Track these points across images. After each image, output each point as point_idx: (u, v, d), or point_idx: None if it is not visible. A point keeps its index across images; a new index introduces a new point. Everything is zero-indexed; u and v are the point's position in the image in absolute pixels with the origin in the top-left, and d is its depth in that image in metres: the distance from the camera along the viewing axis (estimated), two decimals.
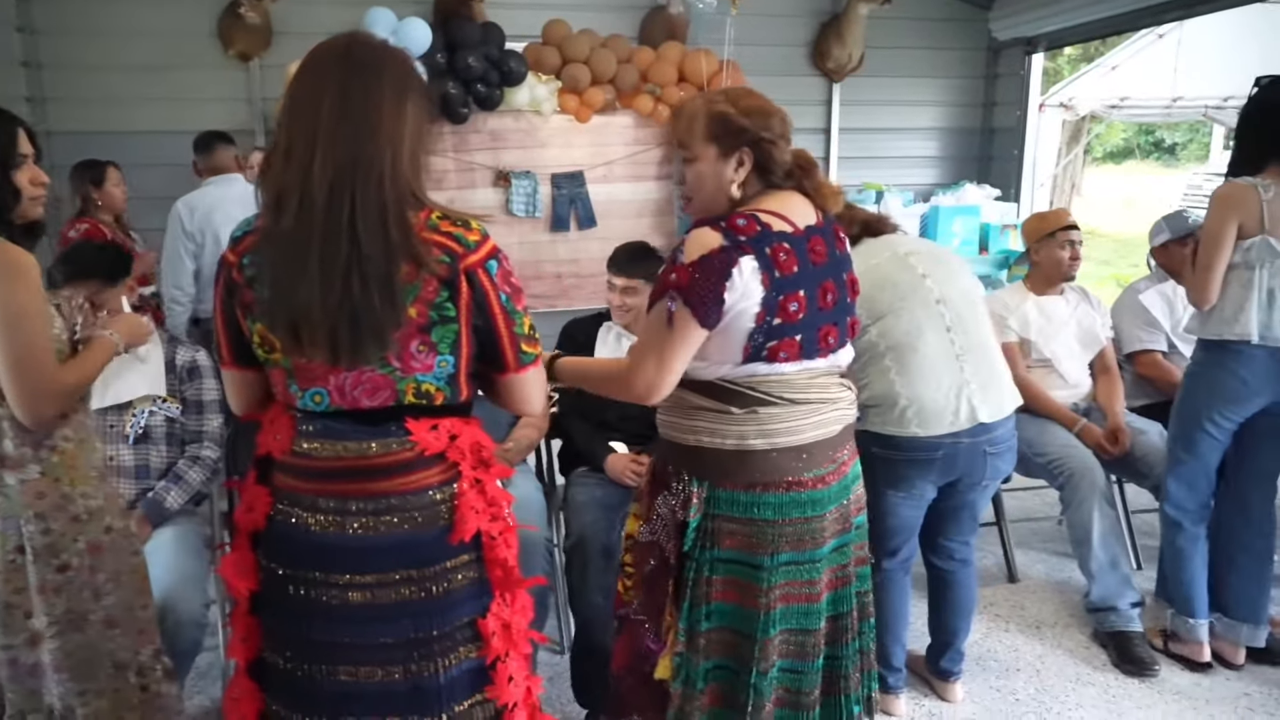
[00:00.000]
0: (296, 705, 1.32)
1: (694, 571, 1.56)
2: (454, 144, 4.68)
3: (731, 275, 1.43)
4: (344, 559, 1.27)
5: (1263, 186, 2.21)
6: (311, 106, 1.20)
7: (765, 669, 1.56)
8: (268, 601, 1.33)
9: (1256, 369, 2.27)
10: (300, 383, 1.27)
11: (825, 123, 5.27)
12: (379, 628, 1.27)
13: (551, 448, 2.73)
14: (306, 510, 1.28)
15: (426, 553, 1.28)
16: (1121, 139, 16.51)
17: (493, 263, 1.26)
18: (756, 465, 1.52)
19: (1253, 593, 2.44)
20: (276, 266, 1.21)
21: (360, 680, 1.28)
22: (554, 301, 4.90)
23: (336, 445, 1.27)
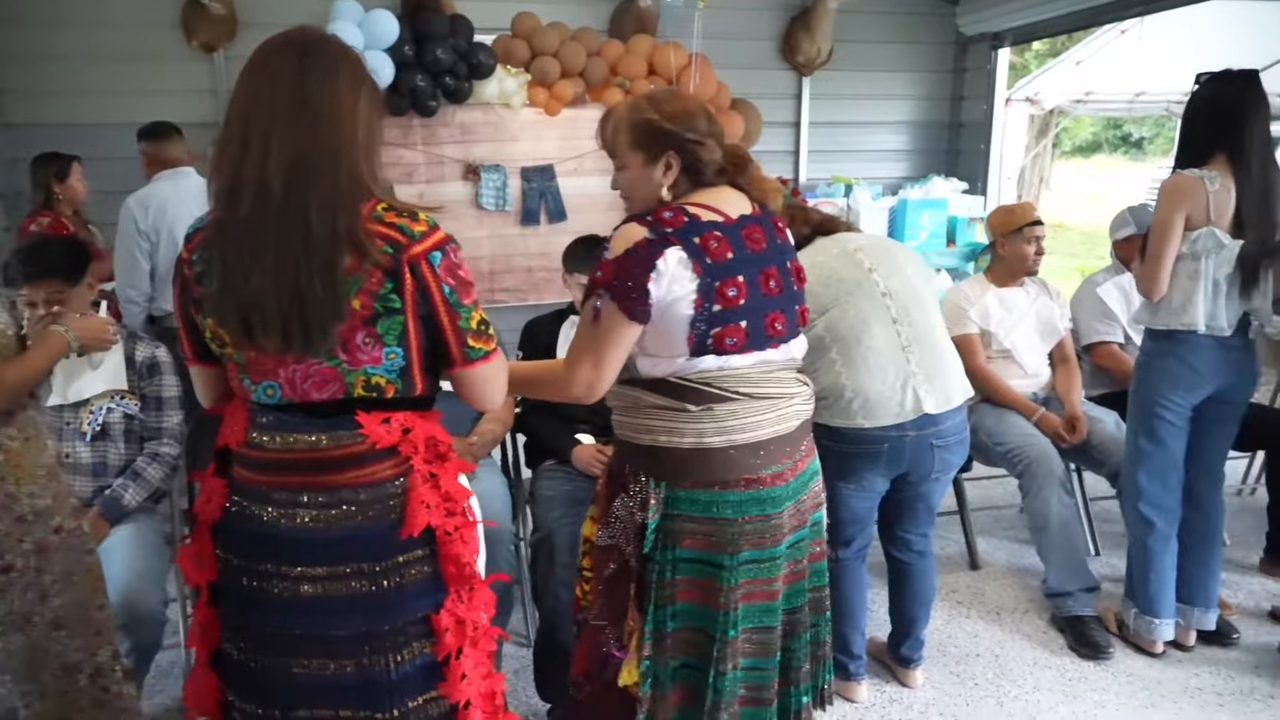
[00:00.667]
0: (251, 695, 1.33)
1: (656, 573, 1.55)
2: (423, 137, 4.66)
3: (656, 267, 1.43)
4: (295, 551, 1.27)
5: (1209, 178, 2.25)
6: (267, 97, 1.21)
7: (726, 669, 1.56)
8: (225, 592, 1.34)
9: (1204, 357, 2.32)
10: (252, 376, 1.29)
11: (795, 116, 5.30)
12: (330, 620, 1.28)
13: (517, 441, 2.74)
14: (260, 502, 1.29)
15: (378, 546, 1.28)
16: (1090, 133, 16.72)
17: (436, 254, 1.25)
18: (715, 463, 1.52)
19: (1202, 577, 2.49)
20: (229, 256, 1.21)
21: (312, 672, 1.29)
22: (524, 295, 4.90)
23: (288, 437, 1.28)
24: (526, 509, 2.55)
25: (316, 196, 1.19)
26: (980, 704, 2.34)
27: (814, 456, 1.69)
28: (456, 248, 1.29)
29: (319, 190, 1.19)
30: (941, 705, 2.33)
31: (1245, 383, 2.40)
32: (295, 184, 1.18)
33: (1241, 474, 3.64)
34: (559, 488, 2.34)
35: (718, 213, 1.52)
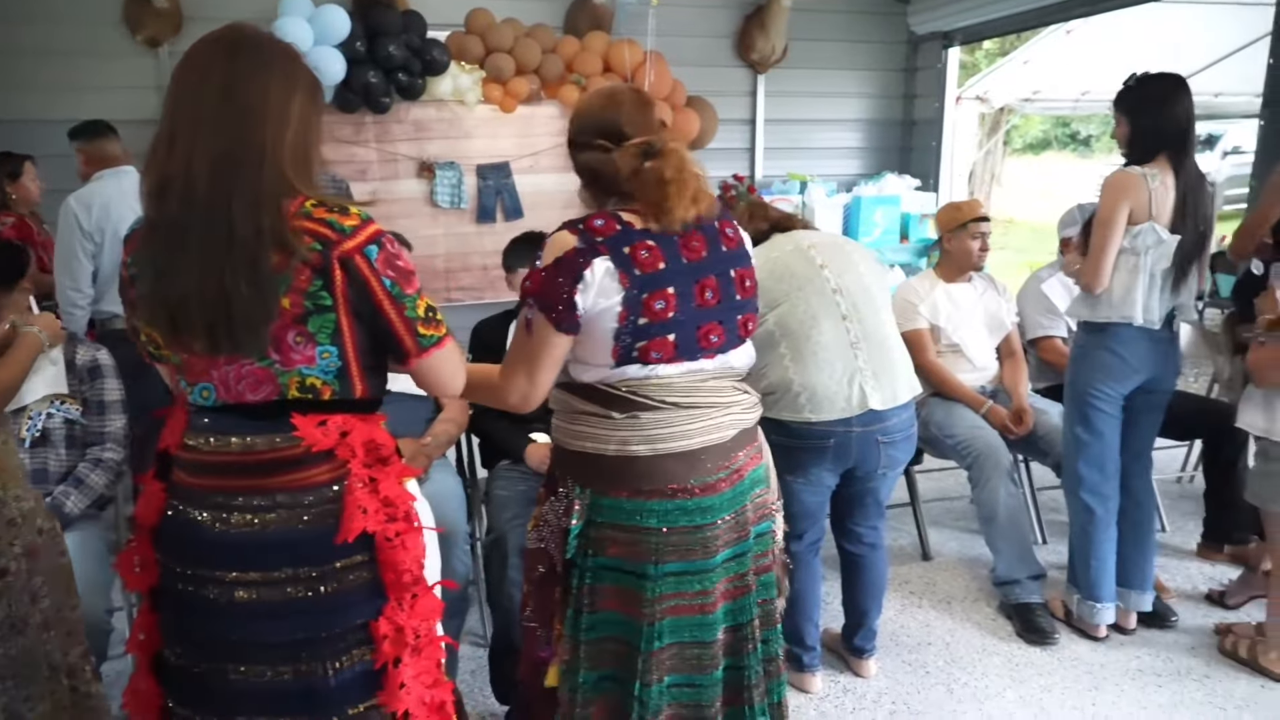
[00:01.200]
0: (190, 702, 1.31)
1: (578, 579, 1.53)
2: (376, 134, 4.61)
3: (583, 277, 1.40)
4: (230, 555, 1.25)
5: (1150, 175, 2.32)
6: (196, 94, 1.20)
7: (650, 682, 1.51)
8: (164, 597, 1.32)
9: (1135, 349, 2.40)
10: (188, 378, 1.27)
11: (750, 114, 5.34)
12: (266, 626, 1.25)
13: (473, 442, 2.73)
14: (196, 506, 1.27)
15: (314, 551, 1.25)
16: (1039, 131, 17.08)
17: (372, 248, 1.22)
18: (639, 472, 1.48)
19: (1138, 560, 2.58)
20: (158, 256, 1.20)
21: (250, 679, 1.27)
22: (481, 294, 4.88)
23: (222, 439, 1.26)
24: (483, 509, 2.54)
25: (240, 195, 1.17)
26: (930, 691, 2.39)
27: (758, 465, 1.63)
28: (392, 239, 1.27)
29: (242, 188, 1.17)
30: (894, 694, 2.38)
31: (1171, 373, 2.50)
32: (219, 182, 1.17)
33: (1181, 463, 3.76)
34: (513, 488, 2.34)
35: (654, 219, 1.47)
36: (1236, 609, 2.74)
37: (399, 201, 4.76)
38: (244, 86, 1.20)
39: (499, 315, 2.59)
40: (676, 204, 1.45)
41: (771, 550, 1.68)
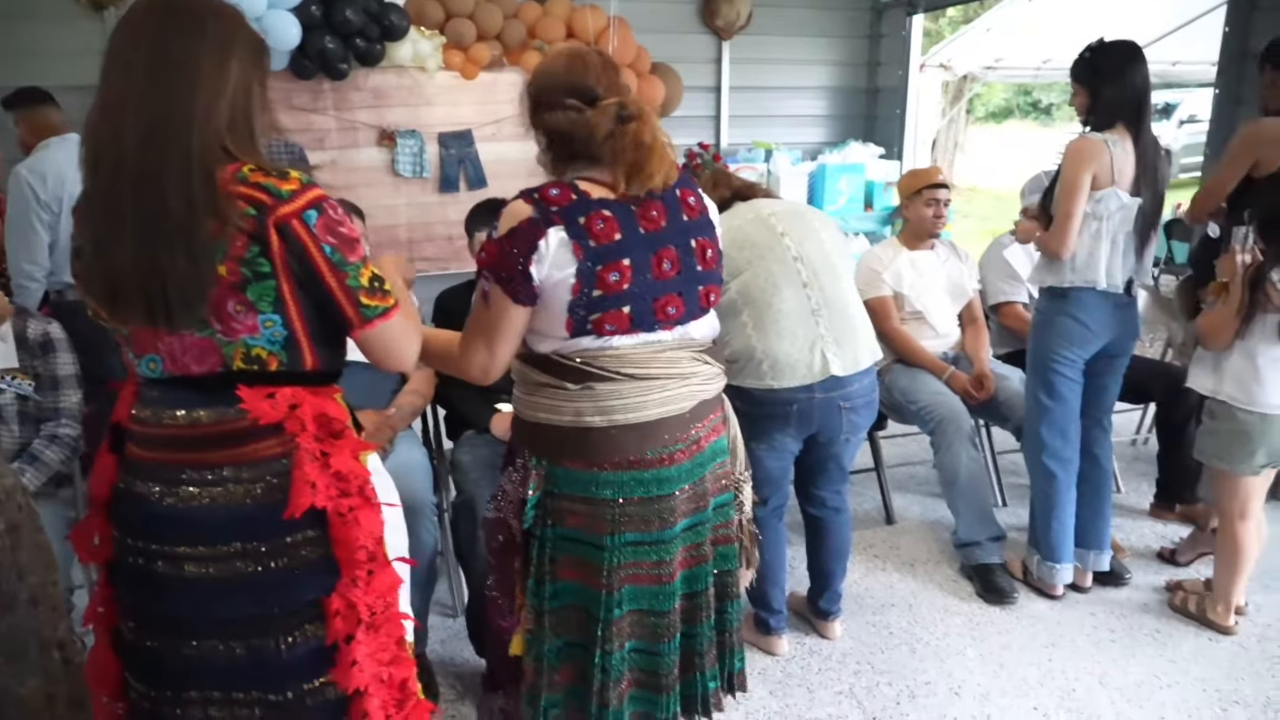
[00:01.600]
0: (143, 676, 1.30)
1: (538, 549, 1.53)
2: (334, 101, 4.51)
3: (538, 248, 1.38)
4: (179, 530, 1.24)
5: (1111, 141, 2.35)
6: (125, 62, 1.17)
7: (612, 649, 1.52)
8: (118, 571, 1.31)
9: (1095, 314, 2.44)
10: (135, 349, 1.26)
11: (716, 81, 5.30)
12: (217, 601, 1.24)
13: (438, 413, 2.71)
14: (145, 479, 1.25)
15: (263, 526, 1.23)
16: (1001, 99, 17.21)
17: (311, 213, 1.19)
18: (594, 443, 1.48)
19: (1095, 521, 2.64)
20: (96, 229, 1.18)
21: (203, 654, 1.26)
22: (446, 264, 4.82)
23: (169, 413, 1.24)
24: (449, 480, 2.54)
25: (171, 165, 1.14)
26: (894, 651, 2.44)
27: (719, 436, 1.63)
28: (335, 205, 1.23)
29: (173, 159, 1.14)
30: (858, 655, 2.43)
31: (1130, 337, 2.55)
32: (149, 153, 1.14)
33: (1135, 425, 3.86)
34: (478, 453, 2.34)
35: (609, 188, 1.45)
36: (1187, 566, 2.83)
37: (359, 171, 4.67)
38: (174, 52, 1.16)
39: (462, 285, 2.56)
40: (656, 169, 1.44)
41: (733, 522, 1.68)
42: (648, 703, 1.62)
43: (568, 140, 1.47)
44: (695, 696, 1.66)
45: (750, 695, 2.25)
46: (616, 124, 1.43)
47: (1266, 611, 2.59)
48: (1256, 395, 2.29)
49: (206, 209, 1.14)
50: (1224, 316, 2.29)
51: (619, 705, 1.56)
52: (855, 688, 2.29)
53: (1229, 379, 2.32)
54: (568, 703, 1.61)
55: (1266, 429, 2.30)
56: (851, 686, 2.29)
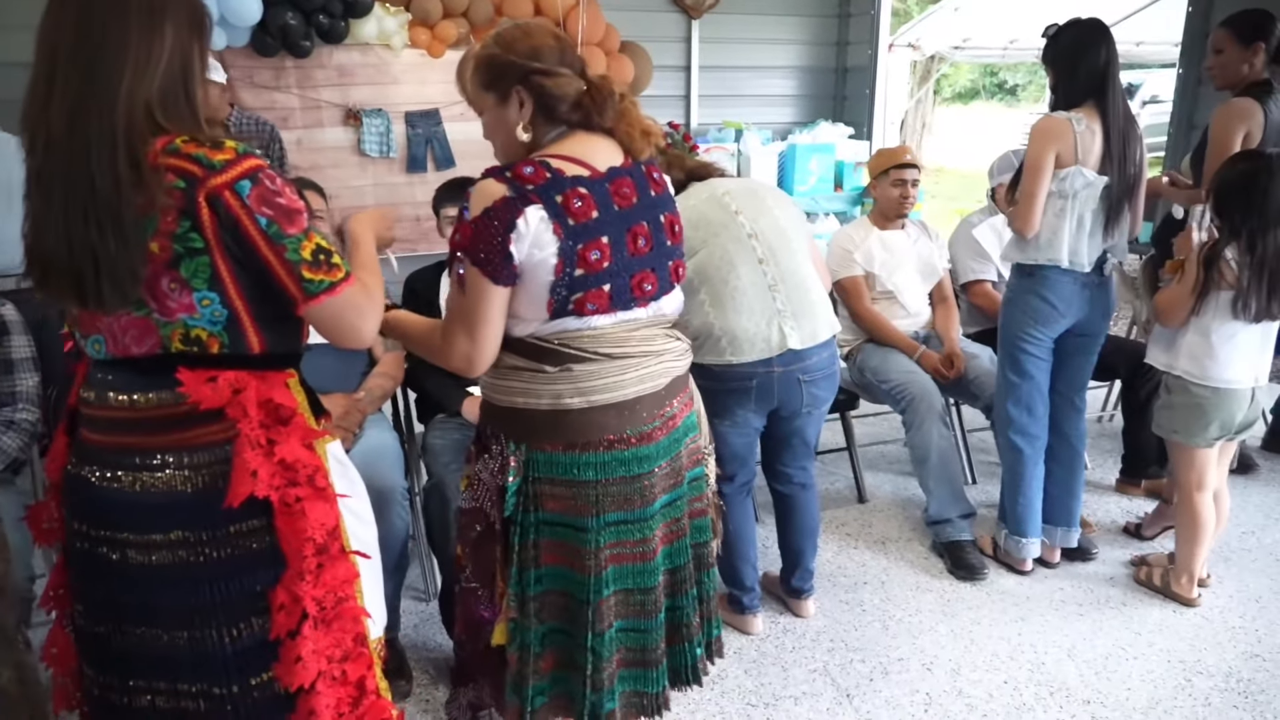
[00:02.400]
0: (93, 662, 1.29)
1: (519, 536, 1.51)
2: (297, 79, 4.41)
3: (516, 226, 1.35)
4: (122, 515, 1.21)
5: (1076, 120, 2.36)
6: (52, 38, 1.14)
7: (601, 630, 1.53)
8: (69, 555, 1.30)
9: (1063, 292, 2.46)
10: (81, 329, 1.24)
11: (685, 60, 5.26)
12: (160, 589, 1.21)
13: (409, 395, 2.68)
14: (91, 463, 1.23)
15: (206, 515, 1.20)
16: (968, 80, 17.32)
17: (244, 183, 1.13)
18: (574, 425, 1.47)
19: (1065, 499, 2.68)
20: (33, 209, 1.17)
21: (145, 643, 1.23)
22: (414, 245, 4.75)
23: (110, 395, 1.22)
24: (420, 464, 2.51)
25: (97, 142, 1.10)
26: (867, 628, 2.46)
27: (690, 412, 1.65)
28: (274, 174, 1.18)
29: (99, 135, 1.10)
30: (832, 632, 2.44)
31: (1101, 316, 2.56)
32: (76, 128, 1.10)
33: (1101, 402, 3.91)
34: (449, 436, 2.31)
35: (584, 165, 1.43)
36: (1151, 540, 2.89)
37: (325, 151, 4.59)
38: (97, 27, 1.12)
39: (431, 266, 2.52)
40: (638, 141, 1.49)
41: (705, 494, 1.71)
42: (638, 680, 1.63)
43: (557, 106, 1.45)
44: (683, 667, 1.68)
45: (725, 674, 2.25)
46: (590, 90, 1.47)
47: (1229, 583, 2.65)
48: (1210, 370, 2.34)
49: (132, 185, 1.10)
50: (1179, 294, 2.33)
51: (610, 685, 1.57)
52: (829, 665, 2.30)
53: (1184, 355, 2.37)
54: (553, 690, 1.60)
55: (1219, 402, 2.35)
56: (825, 664, 2.31)
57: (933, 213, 8.33)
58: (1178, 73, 4.30)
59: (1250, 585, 2.64)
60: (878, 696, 2.18)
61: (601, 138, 1.49)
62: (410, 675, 2.21)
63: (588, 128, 1.48)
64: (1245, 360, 2.34)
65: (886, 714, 2.12)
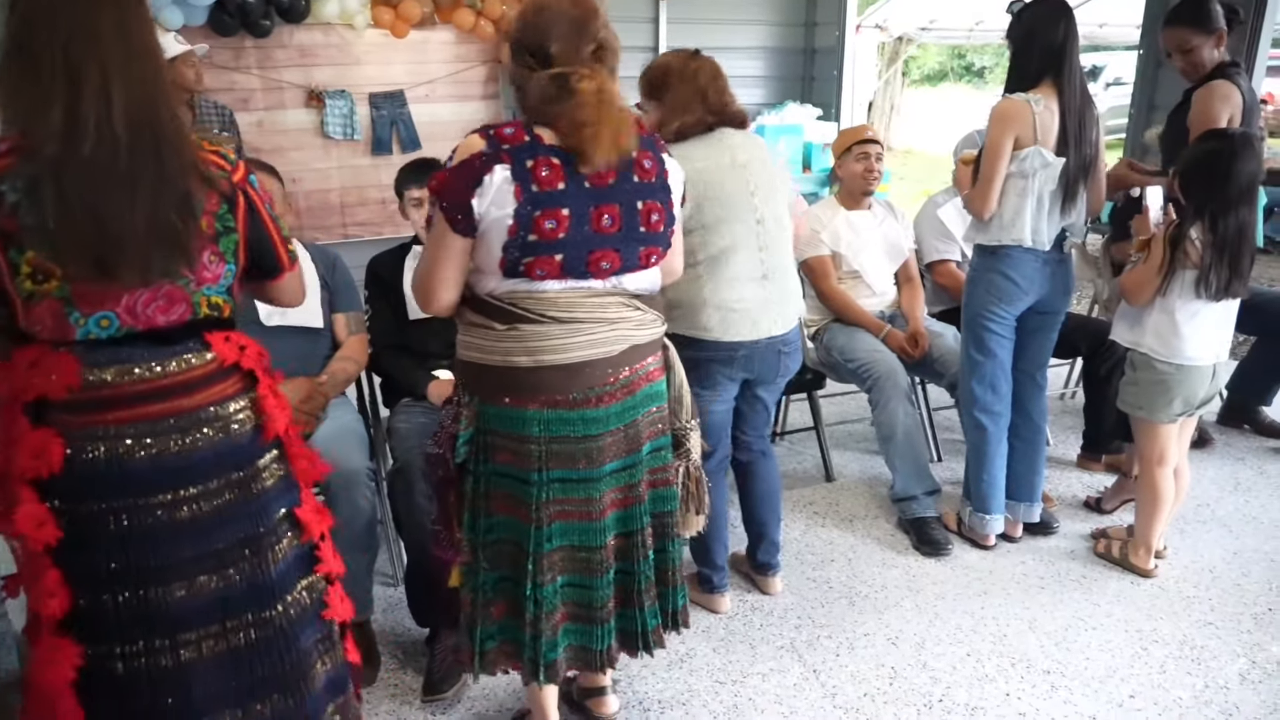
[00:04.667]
0: (129, 637, 1.32)
1: (473, 484, 1.60)
2: (257, 60, 4.33)
3: (482, 181, 1.41)
4: (164, 479, 1.30)
5: (1035, 101, 2.38)
6: (87, 29, 1.20)
7: (544, 582, 1.59)
8: (77, 544, 1.29)
9: (1025, 271, 2.49)
10: (83, 308, 1.25)
11: (654, 41, 5.23)
12: (211, 535, 1.34)
13: (374, 380, 2.66)
14: (111, 441, 1.28)
15: (242, 457, 1.37)
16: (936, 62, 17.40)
17: (252, 177, 1.39)
18: (521, 382, 1.52)
19: (1027, 475, 2.72)
20: (70, 195, 1.19)
21: (196, 593, 1.33)
22: (379, 229, 4.71)
23: (129, 370, 1.29)
24: (387, 448, 2.49)
25: (165, 134, 1.24)
26: (834, 605, 2.49)
27: (655, 381, 1.66)
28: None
29: (165, 130, 1.25)
30: (799, 609, 2.47)
31: (1062, 294, 2.59)
32: (141, 123, 1.22)
33: (1064, 380, 3.98)
34: (415, 420, 2.29)
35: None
36: (1111, 513, 2.95)
37: (287, 133, 4.51)
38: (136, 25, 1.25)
39: (393, 250, 2.50)
40: (594, 149, 1.44)
41: (671, 465, 1.73)
42: (583, 634, 1.69)
43: (522, 95, 1.50)
44: (635, 632, 1.72)
45: (694, 653, 2.27)
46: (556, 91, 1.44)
47: (1184, 554, 2.71)
48: (1175, 347, 2.37)
49: (193, 171, 1.28)
50: (1145, 274, 2.36)
51: (553, 636, 1.63)
52: (796, 641, 2.33)
53: (1149, 332, 2.41)
54: (501, 636, 1.67)
55: (1183, 379, 2.39)
56: (793, 640, 2.34)
57: (901, 194, 8.38)
58: (1138, 54, 4.35)
59: (1204, 556, 2.70)
60: (843, 671, 2.21)
61: None
62: (379, 661, 2.21)
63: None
64: (1208, 338, 2.38)
65: (852, 688, 2.15)
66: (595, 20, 1.50)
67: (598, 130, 1.42)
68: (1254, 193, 2.30)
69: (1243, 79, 2.80)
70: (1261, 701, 2.09)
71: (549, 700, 1.84)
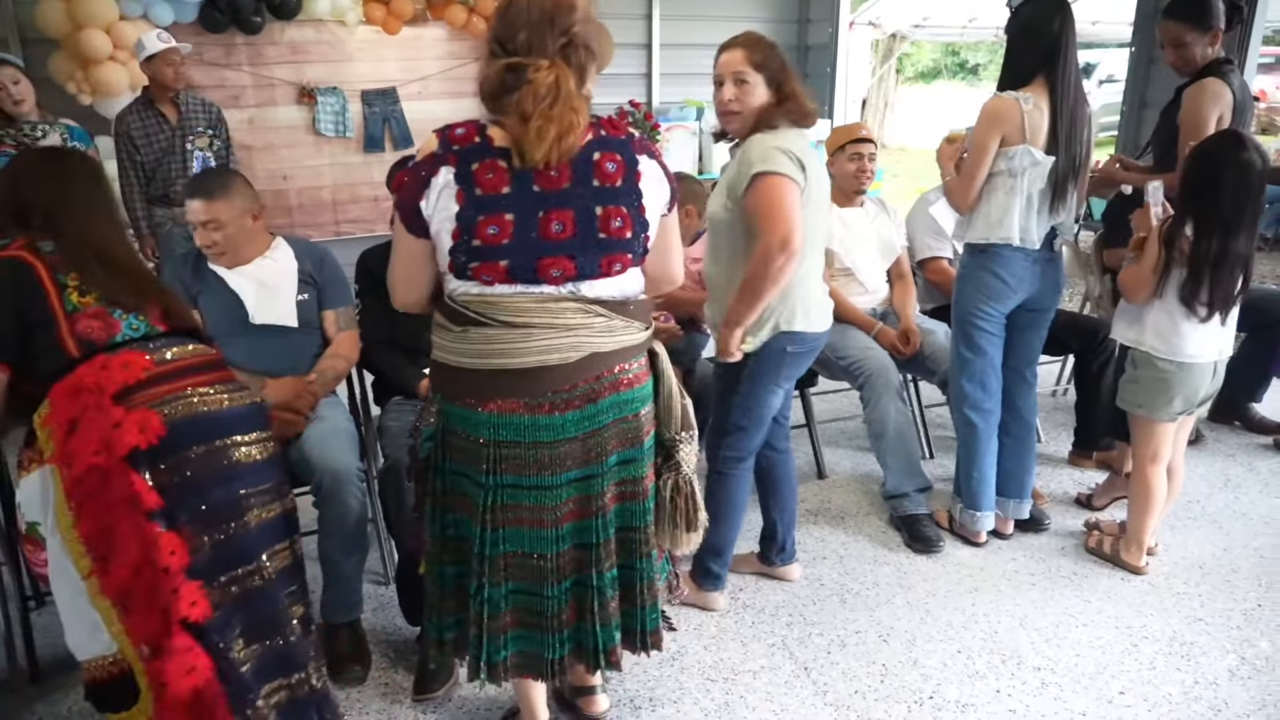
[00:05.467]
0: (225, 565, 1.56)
1: (437, 480, 1.63)
2: (249, 56, 4.32)
3: (430, 184, 1.42)
4: (233, 424, 1.61)
5: (1024, 100, 2.37)
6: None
7: (490, 584, 1.59)
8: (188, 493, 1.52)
9: (1014, 269, 2.49)
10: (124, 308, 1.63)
11: (646, 38, 5.24)
12: (266, 472, 1.65)
13: (365, 378, 2.65)
14: (191, 398, 1.56)
15: (262, 419, 1.70)
16: (930, 59, 17.40)
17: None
18: (474, 384, 1.52)
19: (1017, 471, 2.73)
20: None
21: (265, 518, 1.64)
22: (372, 226, 4.71)
23: (171, 351, 1.61)
24: (379, 447, 2.48)
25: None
26: (825, 602, 2.50)
27: (628, 389, 1.58)
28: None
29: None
30: (791, 607, 2.47)
31: (1052, 291, 2.60)
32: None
33: (1055, 377, 3.99)
34: (405, 418, 2.28)
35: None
36: (1102, 510, 2.96)
37: (279, 130, 4.51)
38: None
39: (385, 245, 2.48)
40: (534, 146, 1.39)
41: (643, 479, 1.65)
42: (532, 641, 1.67)
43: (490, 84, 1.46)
44: (590, 648, 1.67)
45: (685, 650, 2.27)
46: (503, 85, 1.40)
47: (1174, 551, 2.72)
48: (1175, 345, 2.37)
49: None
50: (1142, 272, 2.36)
51: (499, 639, 1.63)
52: (788, 639, 2.33)
53: (1149, 331, 2.40)
54: (458, 628, 1.69)
55: (1184, 377, 2.39)
56: (784, 638, 2.34)
57: (894, 192, 8.38)
58: (1130, 51, 4.35)
59: (1194, 552, 2.71)
60: (835, 668, 2.22)
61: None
62: (369, 659, 2.21)
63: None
64: (1209, 335, 2.37)
65: (843, 685, 2.16)
66: (569, 14, 1.43)
67: (544, 126, 1.37)
68: (1243, 221, 2.23)
69: (1235, 76, 2.80)
70: (1250, 697, 2.10)
71: (538, 698, 1.84)
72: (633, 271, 1.58)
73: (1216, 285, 2.27)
